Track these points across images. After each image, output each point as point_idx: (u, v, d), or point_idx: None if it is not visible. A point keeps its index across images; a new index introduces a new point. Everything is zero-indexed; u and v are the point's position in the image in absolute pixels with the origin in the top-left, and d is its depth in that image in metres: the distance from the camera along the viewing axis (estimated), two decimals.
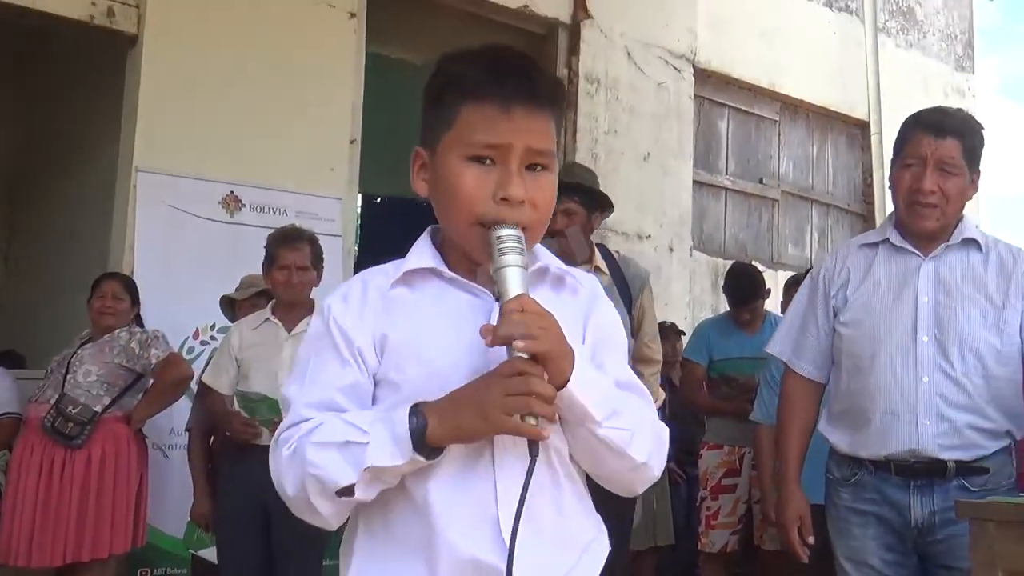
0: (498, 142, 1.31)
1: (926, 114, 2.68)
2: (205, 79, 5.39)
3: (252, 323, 3.82)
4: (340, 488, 1.23)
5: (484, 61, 1.35)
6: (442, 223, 1.39)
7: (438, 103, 1.36)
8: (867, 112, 9.23)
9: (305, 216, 5.40)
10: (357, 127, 6.05)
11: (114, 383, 4.27)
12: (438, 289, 1.36)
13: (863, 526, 2.59)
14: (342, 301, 1.36)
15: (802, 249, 8.98)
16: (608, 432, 1.31)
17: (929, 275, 2.59)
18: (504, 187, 1.30)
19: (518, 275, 1.27)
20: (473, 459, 1.29)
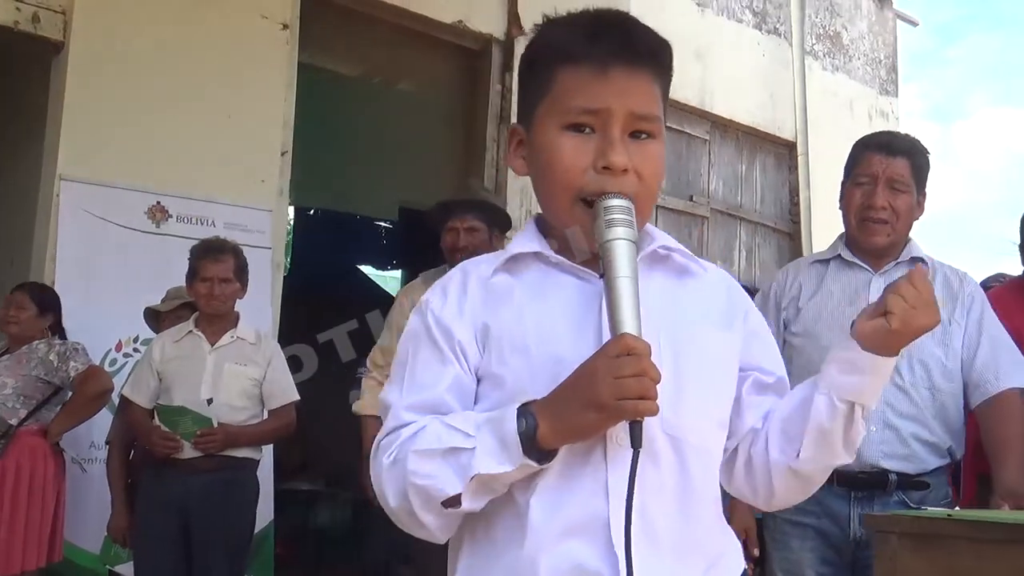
0: (596, 107, 1.20)
1: (876, 136, 2.84)
2: (133, 87, 5.31)
3: (174, 335, 3.78)
4: (446, 499, 1.12)
5: (579, 22, 1.25)
6: (542, 204, 1.29)
7: (532, 72, 1.27)
8: (794, 133, 9.41)
9: (234, 228, 5.35)
10: (289, 138, 6.01)
11: (31, 396, 4.18)
12: (542, 274, 1.26)
13: (801, 538, 2.63)
14: (441, 294, 1.27)
15: (730, 266, 9.12)
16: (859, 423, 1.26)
17: (879, 289, 2.66)
18: (605, 155, 1.19)
19: (628, 249, 1.15)
20: (583, 455, 1.16)
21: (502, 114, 7.24)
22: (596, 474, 1.15)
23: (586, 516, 1.14)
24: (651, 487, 1.14)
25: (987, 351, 2.61)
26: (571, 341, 1.18)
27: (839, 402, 1.25)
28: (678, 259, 1.30)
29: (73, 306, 4.89)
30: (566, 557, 1.14)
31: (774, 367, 1.33)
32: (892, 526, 2.04)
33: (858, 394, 1.24)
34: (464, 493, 1.12)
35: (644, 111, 1.23)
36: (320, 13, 6.29)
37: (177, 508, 3.56)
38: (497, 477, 1.12)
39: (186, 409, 3.60)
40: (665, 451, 1.17)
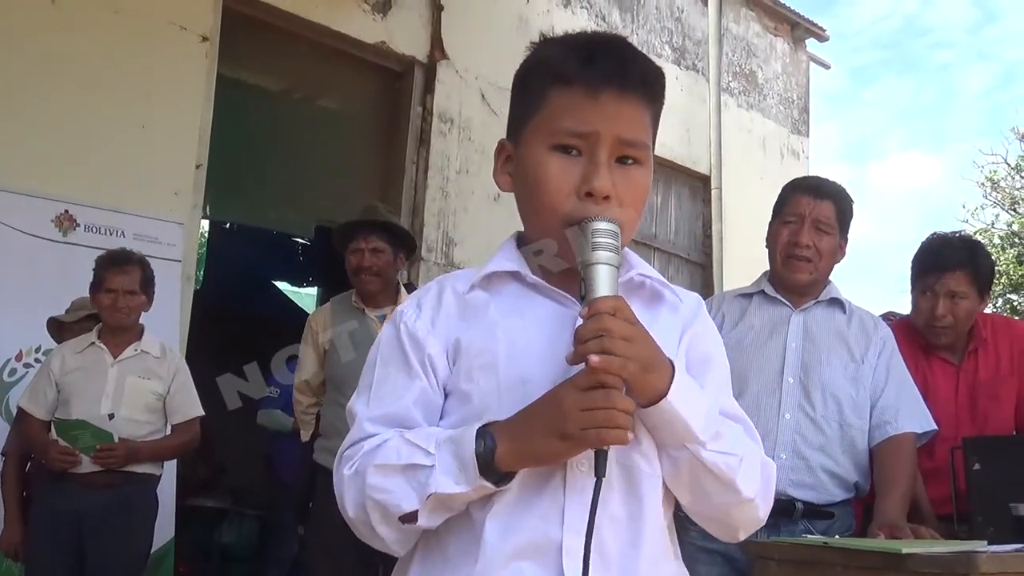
0: (585, 130, 1.21)
1: (805, 179, 3.00)
2: (44, 92, 5.21)
3: (76, 347, 3.71)
4: (403, 515, 1.14)
5: (575, 43, 1.25)
6: (524, 221, 1.30)
7: (524, 89, 1.27)
8: (709, 167, 9.64)
9: (144, 239, 5.27)
10: (204, 151, 5.96)
11: None
12: (518, 294, 1.27)
13: (709, 564, 2.69)
14: (415, 307, 1.28)
15: None
16: (714, 456, 1.18)
17: (798, 325, 2.78)
18: (588, 180, 1.19)
19: (610, 274, 1.15)
20: (542, 479, 1.17)
21: (422, 136, 7.28)
22: (554, 499, 1.16)
23: (540, 540, 1.15)
24: (605, 514, 1.15)
25: (892, 394, 2.74)
26: (541, 363, 1.18)
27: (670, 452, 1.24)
28: (655, 287, 1.31)
29: None
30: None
31: (720, 398, 1.30)
32: (771, 552, 2.12)
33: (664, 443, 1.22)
34: (421, 510, 1.13)
35: (632, 137, 1.23)
36: (242, 26, 6.27)
37: (72, 523, 3.49)
38: (453, 497, 1.12)
39: (86, 423, 3.54)
40: (618, 479, 1.18)
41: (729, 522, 1.26)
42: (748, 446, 1.25)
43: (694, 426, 1.16)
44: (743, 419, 1.29)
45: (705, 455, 1.18)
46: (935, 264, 3.06)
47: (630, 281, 1.27)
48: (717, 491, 1.20)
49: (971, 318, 3.09)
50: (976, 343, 3.11)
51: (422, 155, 7.24)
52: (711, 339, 1.33)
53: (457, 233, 7.27)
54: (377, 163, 7.63)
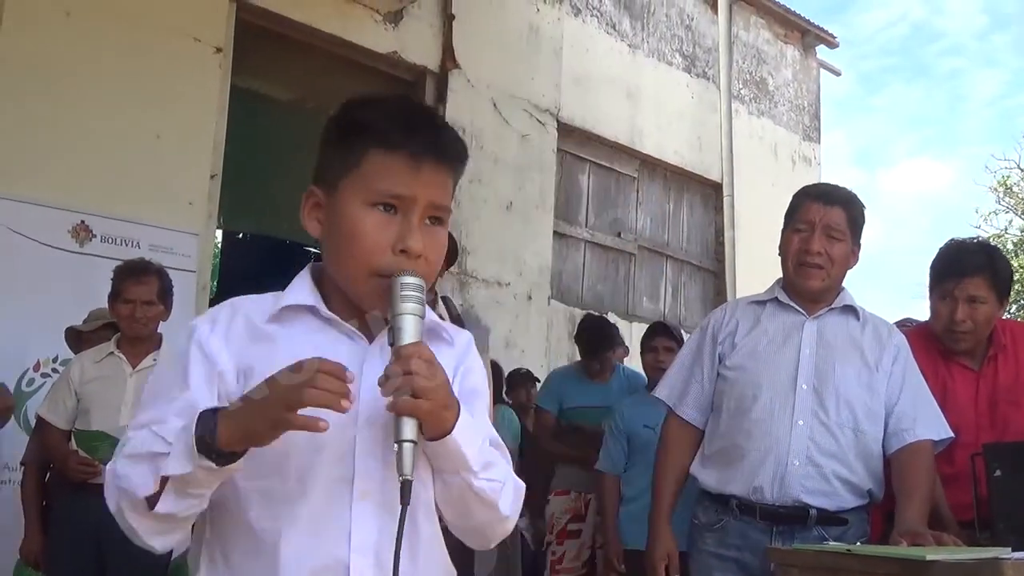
0: (405, 194, 1.32)
1: (816, 186, 2.98)
2: (61, 104, 5.25)
3: (95, 356, 3.72)
4: (144, 497, 1.19)
5: (395, 111, 1.36)
6: (332, 265, 1.37)
7: (342, 145, 1.36)
8: (720, 174, 9.64)
9: (159, 250, 5.30)
10: (219, 162, 5.99)
11: None
12: (312, 328, 1.35)
13: (723, 571, 2.69)
14: (209, 323, 1.34)
15: (656, 303, 9.27)
16: (483, 483, 1.33)
17: (812, 332, 2.77)
18: (404, 239, 1.31)
19: (416, 323, 1.26)
20: (329, 503, 1.28)
21: None
22: (340, 524, 1.28)
23: (331, 561, 1.27)
24: (385, 534, 1.27)
25: (907, 401, 2.73)
26: None
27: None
28: (434, 327, 1.42)
29: None
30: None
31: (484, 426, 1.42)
32: (794, 560, 2.12)
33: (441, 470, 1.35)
34: (164, 494, 1.18)
35: (441, 202, 1.36)
36: (255, 38, 6.30)
37: (92, 534, 3.49)
38: (185, 479, 1.18)
39: (105, 434, 3.54)
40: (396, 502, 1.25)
41: (486, 534, 1.42)
42: (508, 472, 1.40)
43: (470, 458, 1.30)
44: (499, 442, 1.42)
45: (476, 483, 1.32)
46: (954, 269, 3.05)
47: (430, 330, 1.38)
48: (481, 511, 1.36)
49: (990, 323, 3.07)
50: (995, 348, 3.09)
51: None
52: (479, 373, 1.47)
53: (470, 242, 7.28)
54: None
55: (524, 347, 7.55)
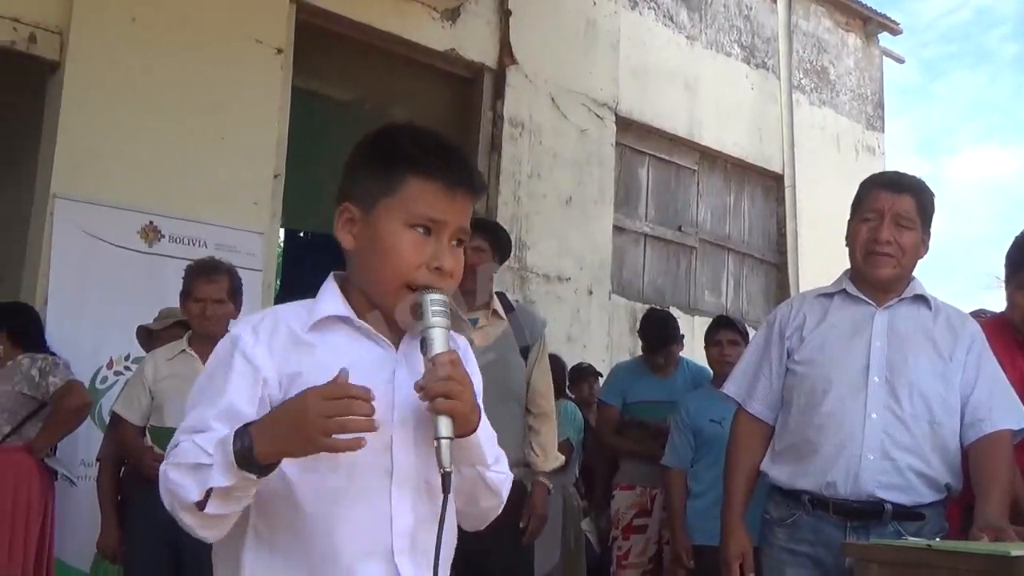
0: (440, 218, 1.47)
1: (883, 174, 2.92)
2: (128, 108, 5.36)
3: (167, 354, 3.78)
4: (192, 502, 1.32)
5: (432, 143, 1.51)
6: (364, 275, 1.50)
7: (383, 170, 1.49)
8: (782, 165, 9.52)
9: (225, 249, 5.37)
10: (281, 161, 6.06)
11: (15, 411, 4.20)
12: (347, 337, 1.49)
13: (796, 566, 2.65)
14: (252, 334, 1.46)
15: (718, 296, 9.19)
16: (493, 475, 1.53)
17: (883, 323, 2.71)
18: (439, 259, 1.46)
19: (444, 335, 1.42)
20: (371, 492, 1.43)
21: (493, 141, 7.31)
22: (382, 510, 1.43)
23: (377, 544, 1.43)
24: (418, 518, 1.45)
25: (984, 391, 2.66)
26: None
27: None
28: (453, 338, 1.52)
29: (65, 324, 4.92)
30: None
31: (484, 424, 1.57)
32: (873, 555, 2.08)
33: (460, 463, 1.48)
34: (210, 501, 1.32)
35: (467, 226, 1.53)
36: (314, 39, 6.36)
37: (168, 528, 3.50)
38: (228, 489, 1.31)
39: None
40: (425, 492, 1.45)
41: (485, 519, 1.59)
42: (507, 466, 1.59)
43: (487, 453, 1.50)
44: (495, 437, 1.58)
45: (488, 474, 1.52)
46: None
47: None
48: (488, 499, 1.55)
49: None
50: None
51: (493, 160, 7.27)
52: (477, 375, 1.57)
53: (530, 237, 7.28)
54: None
55: (585, 342, 7.53)
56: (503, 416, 3.77)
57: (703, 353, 4.77)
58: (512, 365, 3.70)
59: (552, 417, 3.80)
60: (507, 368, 3.70)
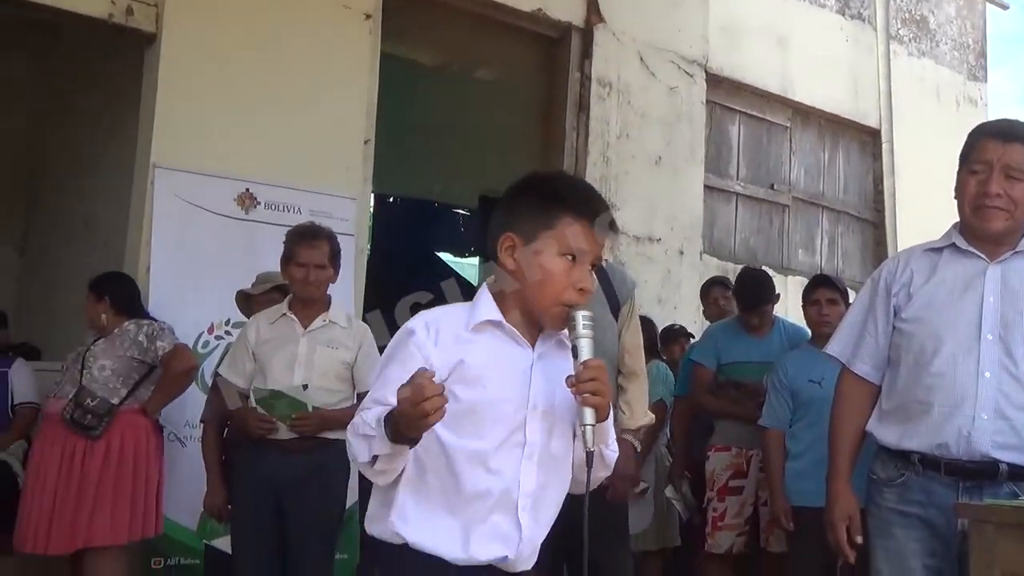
0: (586, 249, 1.85)
1: (992, 123, 2.77)
2: (222, 77, 5.45)
3: (269, 317, 3.86)
4: (365, 462, 1.79)
5: (581, 189, 1.94)
6: (532, 296, 1.87)
7: (542, 208, 1.87)
8: (879, 120, 9.24)
9: (319, 215, 5.44)
10: (371, 127, 6.10)
11: (128, 375, 4.34)
12: (497, 337, 1.87)
13: (906, 527, 2.59)
14: (424, 328, 1.86)
15: (812, 255, 9.00)
16: (611, 452, 1.93)
17: (995, 278, 2.61)
18: (583, 281, 1.84)
19: (591, 344, 1.80)
20: (507, 458, 1.82)
21: (581, 102, 7.24)
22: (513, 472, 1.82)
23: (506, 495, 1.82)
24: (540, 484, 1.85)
25: None
26: (511, 386, 1.84)
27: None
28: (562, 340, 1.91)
29: (167, 290, 5.06)
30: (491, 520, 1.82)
31: None
32: (989, 516, 2.03)
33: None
34: (378, 460, 1.76)
35: (600, 255, 1.91)
36: (401, 3, 6.36)
37: (271, 487, 3.65)
38: (388, 455, 1.75)
39: (282, 393, 3.68)
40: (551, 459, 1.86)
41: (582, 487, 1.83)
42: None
43: (609, 436, 1.93)
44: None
45: (607, 452, 1.93)
46: None
47: (560, 340, 1.89)
48: (602, 471, 1.92)
49: None
50: None
51: (582, 121, 7.21)
52: None
53: (619, 198, 7.21)
54: (537, 131, 7.64)
55: (676, 303, 7.45)
56: None
57: (796, 314, 4.68)
58: (604, 324, 3.69)
59: (641, 376, 3.78)
60: (599, 327, 3.68)
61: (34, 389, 5.25)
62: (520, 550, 1.82)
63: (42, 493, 4.17)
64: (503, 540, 1.81)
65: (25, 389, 5.25)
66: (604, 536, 3.65)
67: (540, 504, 1.85)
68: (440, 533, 1.80)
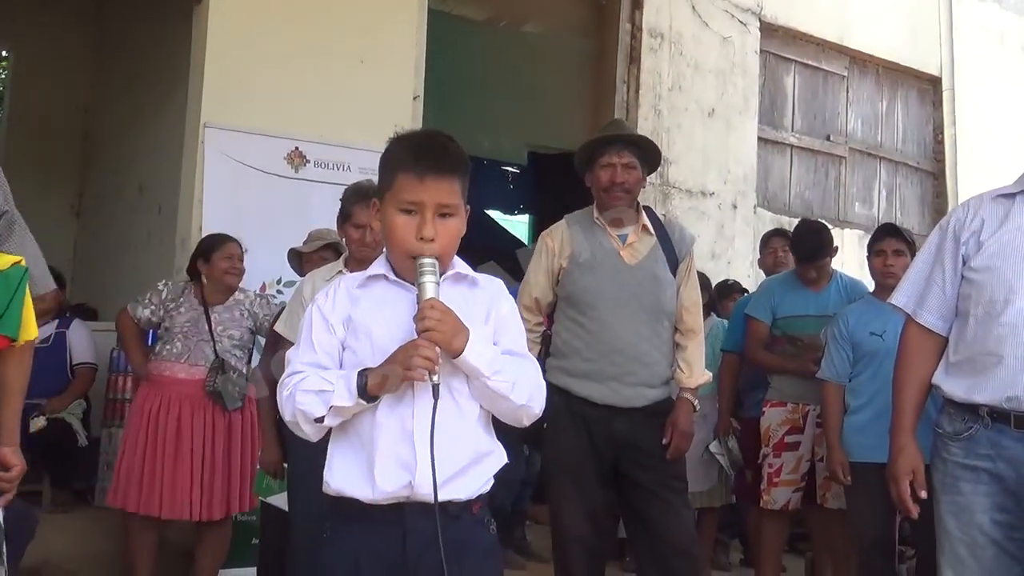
0: (416, 199, 1.95)
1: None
2: (270, 36, 5.43)
3: (325, 275, 3.83)
4: (316, 418, 1.92)
5: (411, 143, 2.02)
6: (389, 253, 2.04)
7: (384, 171, 2.02)
8: (939, 67, 8.98)
9: (368, 172, 5.35)
10: (420, 83, 6.06)
11: (245, 346, 4.46)
12: (386, 289, 2.03)
13: (974, 482, 2.52)
14: (324, 297, 2.06)
15: (869, 207, 8.81)
16: (495, 383, 1.96)
17: None
18: (423, 230, 1.95)
19: (431, 287, 1.91)
20: (400, 399, 1.94)
21: (632, 54, 7.13)
22: (407, 407, 1.94)
23: (402, 429, 1.93)
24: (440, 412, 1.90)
25: None
26: (397, 332, 1.95)
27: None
28: (469, 277, 2.08)
29: None
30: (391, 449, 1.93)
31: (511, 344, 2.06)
32: None
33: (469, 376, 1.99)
34: (327, 416, 1.91)
35: (447, 201, 1.97)
36: None
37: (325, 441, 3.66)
38: (345, 408, 1.90)
39: None
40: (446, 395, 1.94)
41: (512, 417, 2.02)
42: (523, 374, 2.00)
43: (482, 367, 1.94)
44: (522, 354, 2.06)
45: (490, 383, 1.96)
46: None
47: (456, 275, 2.05)
48: (499, 402, 1.99)
49: None
50: None
51: (632, 73, 7.10)
52: (505, 311, 2.09)
53: (672, 152, 7.11)
54: (586, 85, 7.54)
55: (730, 258, 7.36)
56: (655, 332, 3.72)
57: (853, 268, 4.56)
58: (663, 281, 3.62)
59: (699, 334, 3.71)
60: (658, 285, 3.62)
61: (92, 350, 5.32)
62: (421, 474, 1.90)
63: (184, 462, 4.25)
64: (405, 467, 1.92)
65: (83, 350, 5.32)
66: (662, 493, 3.63)
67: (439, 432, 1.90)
68: (352, 474, 1.95)
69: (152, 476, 4.24)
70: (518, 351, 2.06)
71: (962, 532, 2.54)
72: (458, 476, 1.97)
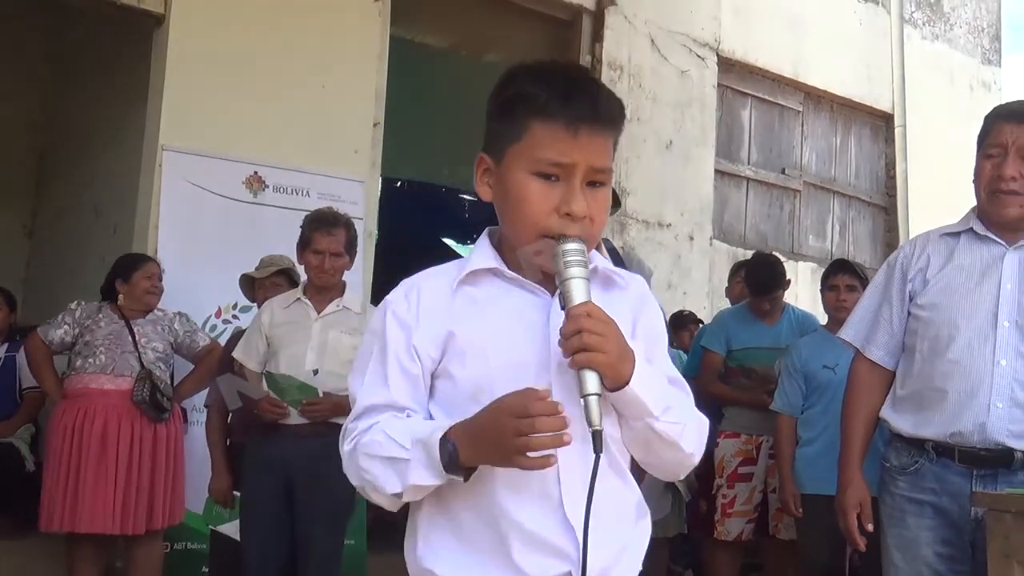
0: (565, 161, 1.38)
1: (1007, 104, 2.75)
2: (230, 60, 5.42)
3: (283, 302, 3.83)
4: (392, 494, 1.37)
5: (555, 80, 1.41)
6: (505, 229, 1.46)
7: (507, 115, 1.42)
8: (892, 104, 9.17)
9: (327, 198, 5.42)
10: (381, 110, 6.07)
11: (167, 360, 4.44)
12: (499, 288, 1.44)
13: (919, 515, 2.57)
14: (404, 299, 1.45)
15: (823, 240, 8.95)
16: (664, 426, 1.41)
17: (1013, 263, 2.58)
18: (568, 203, 1.38)
19: (583, 286, 1.35)
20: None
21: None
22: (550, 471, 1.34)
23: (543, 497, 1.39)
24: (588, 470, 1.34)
25: None
26: (527, 347, 1.40)
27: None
28: (607, 274, 1.50)
29: (175, 273, 5.03)
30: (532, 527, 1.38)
31: (664, 367, 1.51)
32: (1007, 505, 2.00)
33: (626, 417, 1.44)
34: (404, 492, 1.36)
35: (601, 165, 1.41)
36: None
37: (281, 472, 3.63)
38: (426, 488, 1.36)
39: (293, 378, 3.66)
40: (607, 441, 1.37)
41: (673, 470, 1.51)
42: (689, 411, 1.47)
43: (650, 404, 1.38)
44: (679, 381, 1.51)
45: (658, 426, 1.40)
46: None
47: (594, 270, 1.43)
48: (665, 451, 1.44)
49: None
50: None
51: None
52: (656, 315, 1.54)
53: (630, 183, 7.17)
54: None
55: (686, 289, 7.42)
56: None
57: (806, 300, 4.64)
58: None
59: None
60: None
61: None
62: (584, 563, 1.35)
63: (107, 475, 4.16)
64: (556, 554, 1.38)
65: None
66: None
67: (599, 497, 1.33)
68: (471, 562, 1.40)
69: (76, 491, 4.16)
70: (673, 376, 1.51)
71: (908, 565, 2.59)
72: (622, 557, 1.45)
